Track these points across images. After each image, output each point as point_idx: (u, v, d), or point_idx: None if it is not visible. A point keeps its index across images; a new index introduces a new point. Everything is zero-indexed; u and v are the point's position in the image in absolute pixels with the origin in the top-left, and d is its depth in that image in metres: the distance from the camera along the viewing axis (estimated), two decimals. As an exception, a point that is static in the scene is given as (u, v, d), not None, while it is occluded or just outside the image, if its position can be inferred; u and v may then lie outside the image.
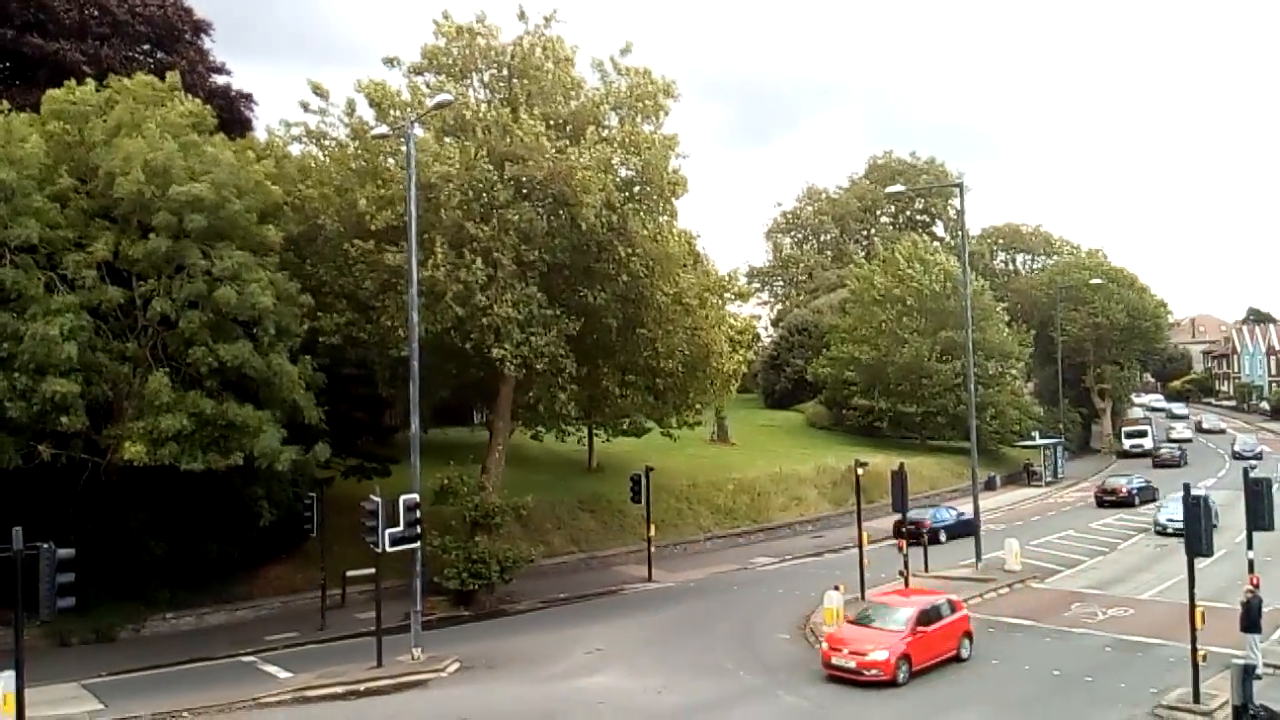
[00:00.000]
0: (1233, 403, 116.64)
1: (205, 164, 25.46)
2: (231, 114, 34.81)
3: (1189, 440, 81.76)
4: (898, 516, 33.16)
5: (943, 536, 41.57)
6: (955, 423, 61.34)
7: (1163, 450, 72.65)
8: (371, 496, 25.00)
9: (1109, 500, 51.30)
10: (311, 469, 29.01)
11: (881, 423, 65.86)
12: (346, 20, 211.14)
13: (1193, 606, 19.74)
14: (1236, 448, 72.88)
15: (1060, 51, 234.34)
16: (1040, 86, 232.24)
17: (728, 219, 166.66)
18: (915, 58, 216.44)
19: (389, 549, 24.43)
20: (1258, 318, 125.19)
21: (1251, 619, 21.28)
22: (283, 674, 24.63)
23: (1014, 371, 68.55)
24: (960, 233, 51.09)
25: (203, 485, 27.57)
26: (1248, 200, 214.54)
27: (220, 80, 36.56)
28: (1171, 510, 39.19)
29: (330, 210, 30.41)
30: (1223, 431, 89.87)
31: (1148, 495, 51.20)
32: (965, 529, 39.55)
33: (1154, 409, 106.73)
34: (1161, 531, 40.86)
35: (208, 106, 28.81)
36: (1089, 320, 78.34)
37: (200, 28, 36.32)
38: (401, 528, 24.40)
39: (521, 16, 31.43)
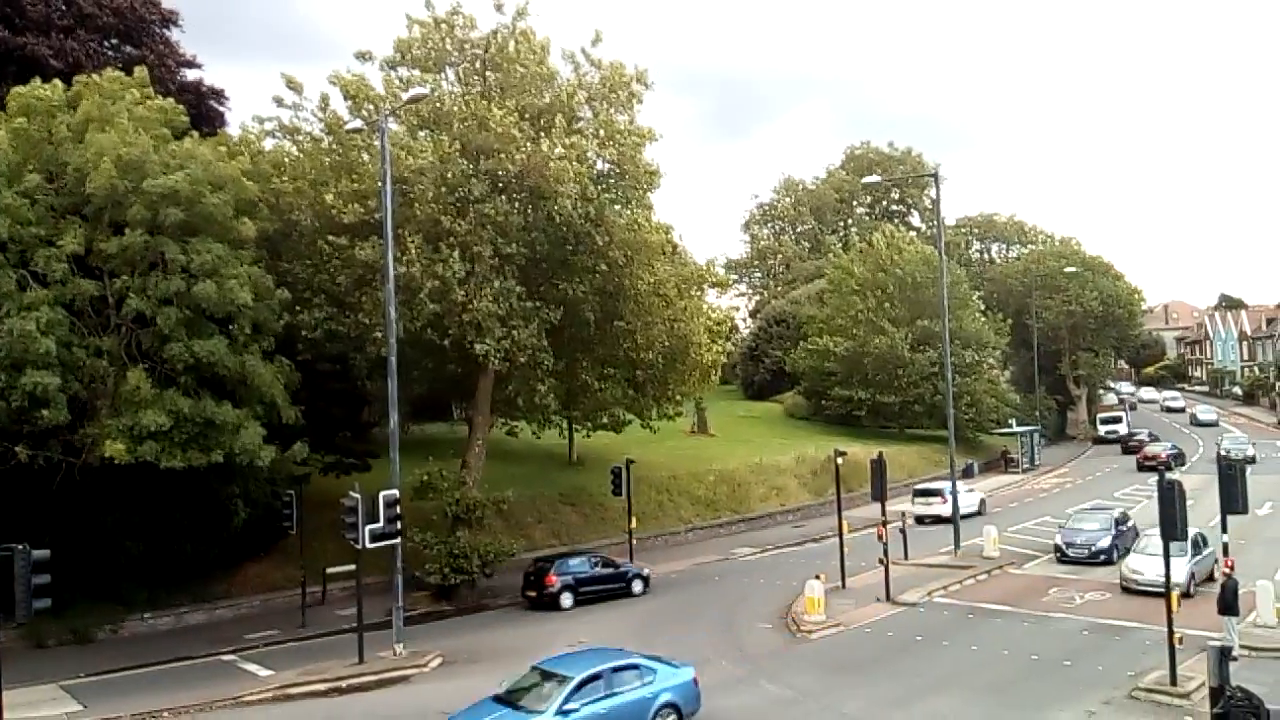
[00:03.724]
0: (1205, 388, 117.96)
1: (180, 158, 25.15)
2: (203, 110, 34.15)
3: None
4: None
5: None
6: (933, 411, 61.91)
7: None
8: (351, 493, 24.85)
9: (1149, 465, 57.29)
10: (289, 466, 28.80)
11: (860, 412, 66.14)
12: (319, 15, 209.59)
13: (1169, 590, 19.98)
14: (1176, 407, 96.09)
15: (1031, 42, 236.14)
16: (1012, 77, 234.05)
17: (704, 212, 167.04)
18: (889, 49, 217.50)
19: (369, 545, 24.30)
20: (1229, 303, 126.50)
21: (1228, 601, 21.55)
22: (264, 672, 24.48)
23: (991, 360, 69.04)
24: (937, 221, 51.42)
25: (179, 484, 27.31)
26: (1219, 187, 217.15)
27: (191, 75, 35.73)
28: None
29: (305, 205, 30.14)
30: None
31: (1180, 460, 59.96)
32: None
33: (1157, 404, 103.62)
34: None
35: (179, 105, 28.37)
36: (1064, 308, 79.00)
37: (169, 19, 35.50)
38: (381, 524, 24.30)
39: (498, 8, 31.30)
